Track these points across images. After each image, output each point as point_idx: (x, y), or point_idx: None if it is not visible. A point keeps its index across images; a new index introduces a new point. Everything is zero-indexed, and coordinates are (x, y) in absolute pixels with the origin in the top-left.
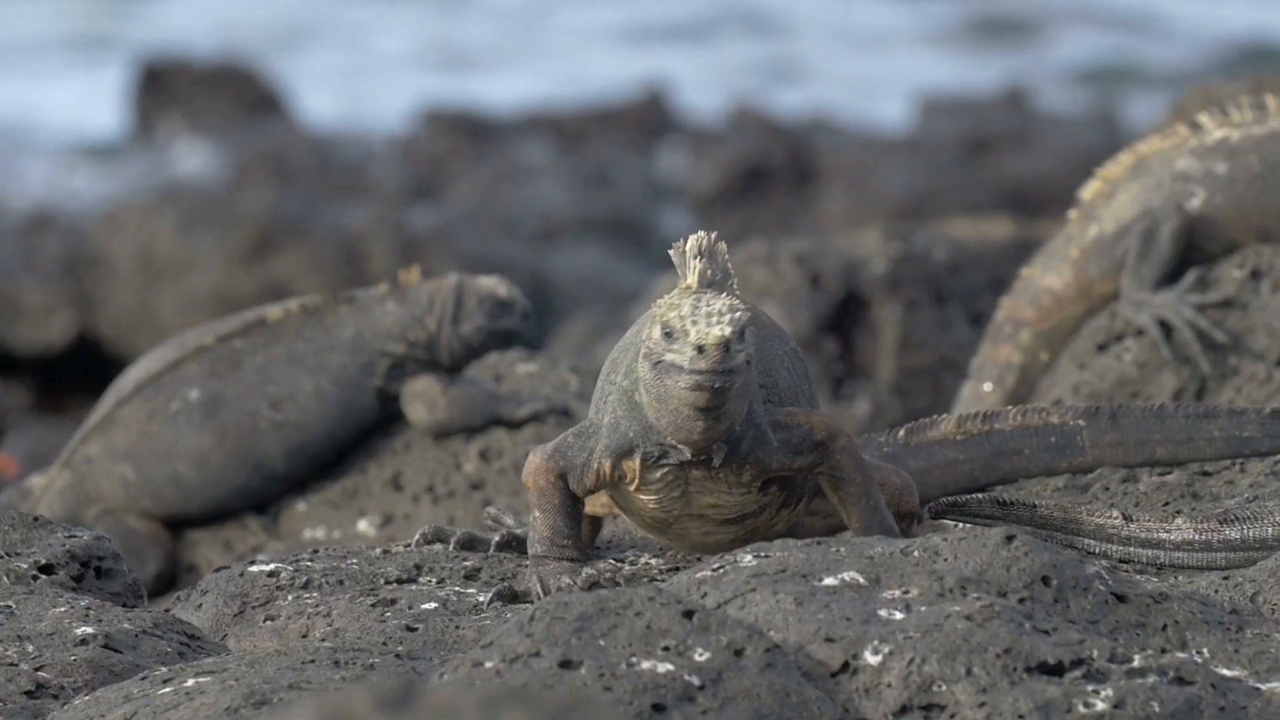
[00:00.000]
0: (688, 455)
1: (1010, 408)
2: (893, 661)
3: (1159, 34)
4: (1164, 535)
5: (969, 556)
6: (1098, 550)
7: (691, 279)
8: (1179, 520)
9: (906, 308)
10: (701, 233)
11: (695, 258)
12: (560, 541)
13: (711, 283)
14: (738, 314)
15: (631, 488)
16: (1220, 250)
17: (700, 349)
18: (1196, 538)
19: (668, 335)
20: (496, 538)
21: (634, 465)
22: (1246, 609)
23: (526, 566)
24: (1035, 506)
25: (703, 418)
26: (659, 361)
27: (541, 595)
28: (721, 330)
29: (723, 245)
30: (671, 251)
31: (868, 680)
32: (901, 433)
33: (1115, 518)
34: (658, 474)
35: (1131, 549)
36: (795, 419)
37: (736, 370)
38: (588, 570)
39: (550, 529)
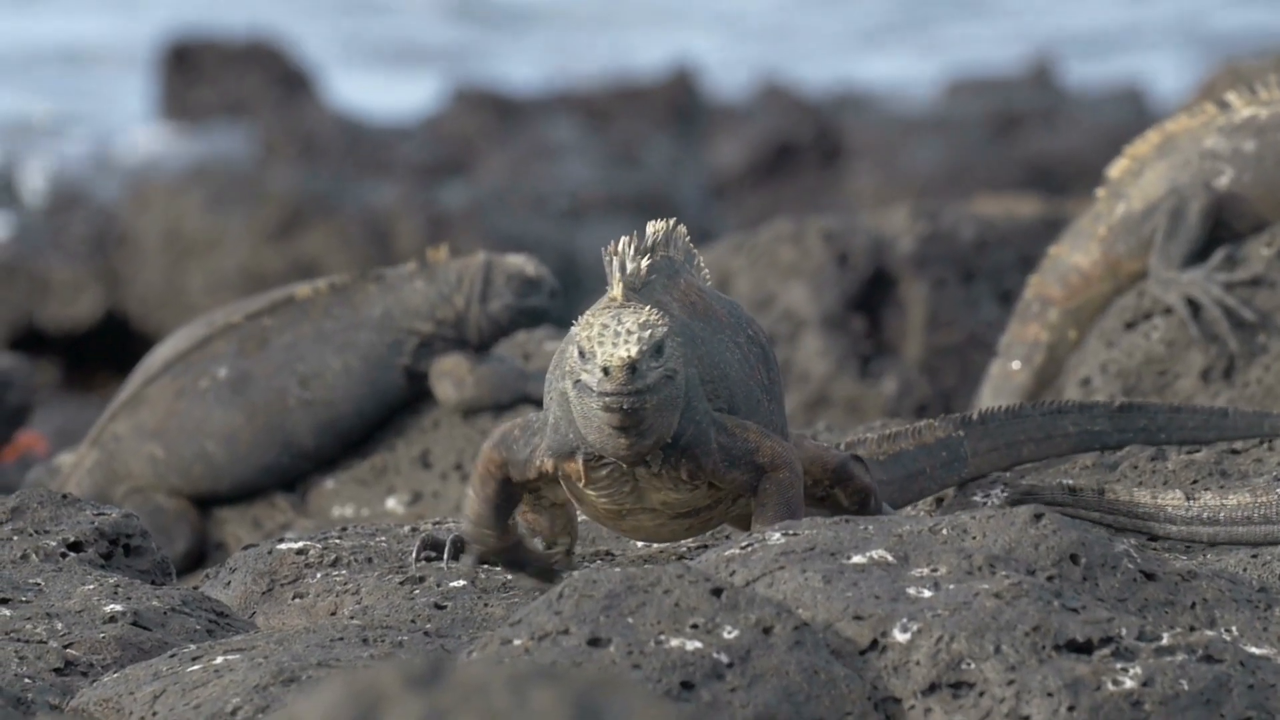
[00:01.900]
0: (624, 465)
1: (909, 426)
2: (921, 639)
3: None
4: (1224, 513)
5: (997, 535)
6: (1161, 532)
7: (615, 291)
8: (1238, 496)
9: (934, 286)
10: (624, 239)
11: (620, 269)
12: (484, 528)
13: (642, 287)
14: (648, 332)
15: (581, 484)
16: (1248, 228)
17: (606, 370)
18: (1257, 513)
19: (582, 355)
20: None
21: (577, 467)
22: (1275, 587)
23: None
24: (1102, 492)
25: (623, 435)
26: (577, 381)
27: (451, 558)
28: (627, 351)
29: (682, 228)
30: (602, 257)
31: (896, 658)
32: (842, 446)
33: (1177, 497)
34: (603, 472)
35: (1194, 528)
36: (745, 432)
37: (649, 389)
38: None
39: (476, 515)
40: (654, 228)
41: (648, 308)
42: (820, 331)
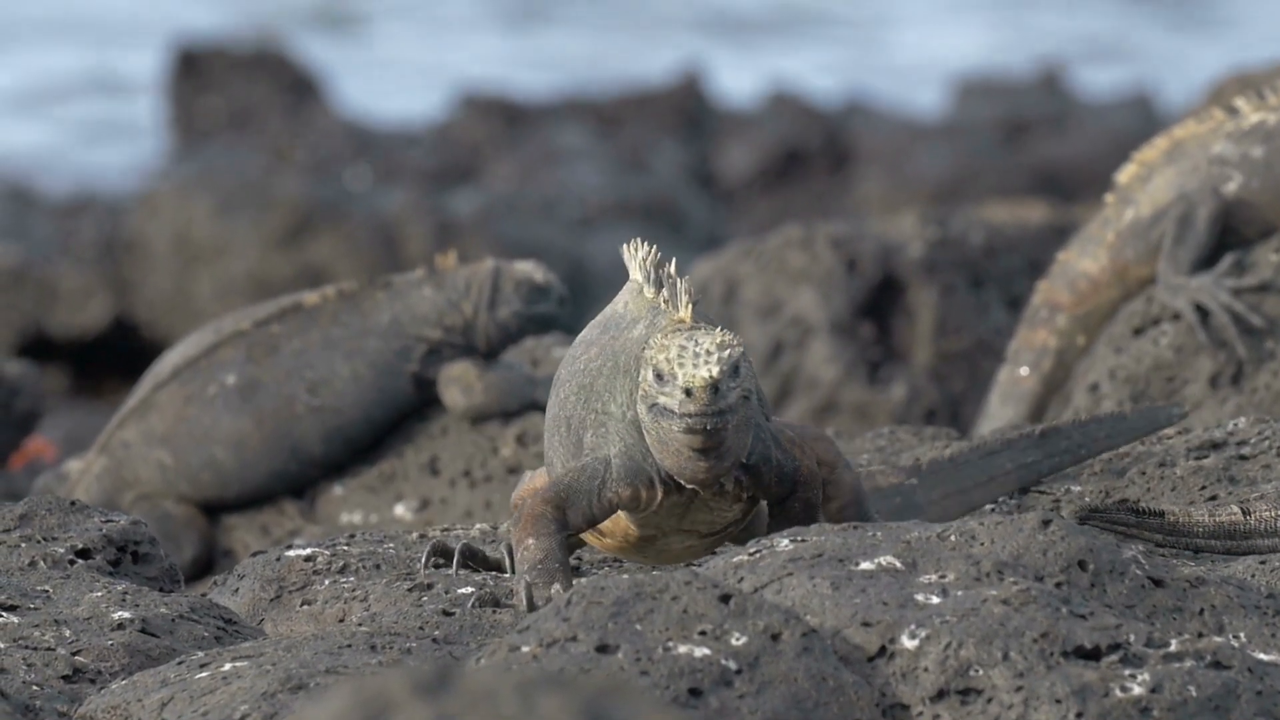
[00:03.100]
0: (700, 492)
1: (865, 469)
2: (930, 646)
3: None
4: None
5: (1005, 541)
6: (1220, 549)
7: (684, 313)
8: None
9: (943, 292)
10: (653, 249)
11: (686, 291)
12: (552, 564)
13: (696, 301)
14: (726, 351)
15: (641, 512)
16: (1257, 234)
17: (688, 391)
18: None
19: (659, 378)
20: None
21: (654, 493)
22: None
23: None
24: (1162, 513)
25: (702, 458)
26: (653, 405)
27: (526, 606)
28: (709, 371)
29: (647, 248)
30: (663, 281)
31: (905, 665)
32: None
33: (1235, 513)
34: (675, 498)
35: (1253, 541)
36: (794, 448)
37: (730, 409)
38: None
39: (544, 551)
40: (643, 250)
41: (719, 329)
42: (829, 337)
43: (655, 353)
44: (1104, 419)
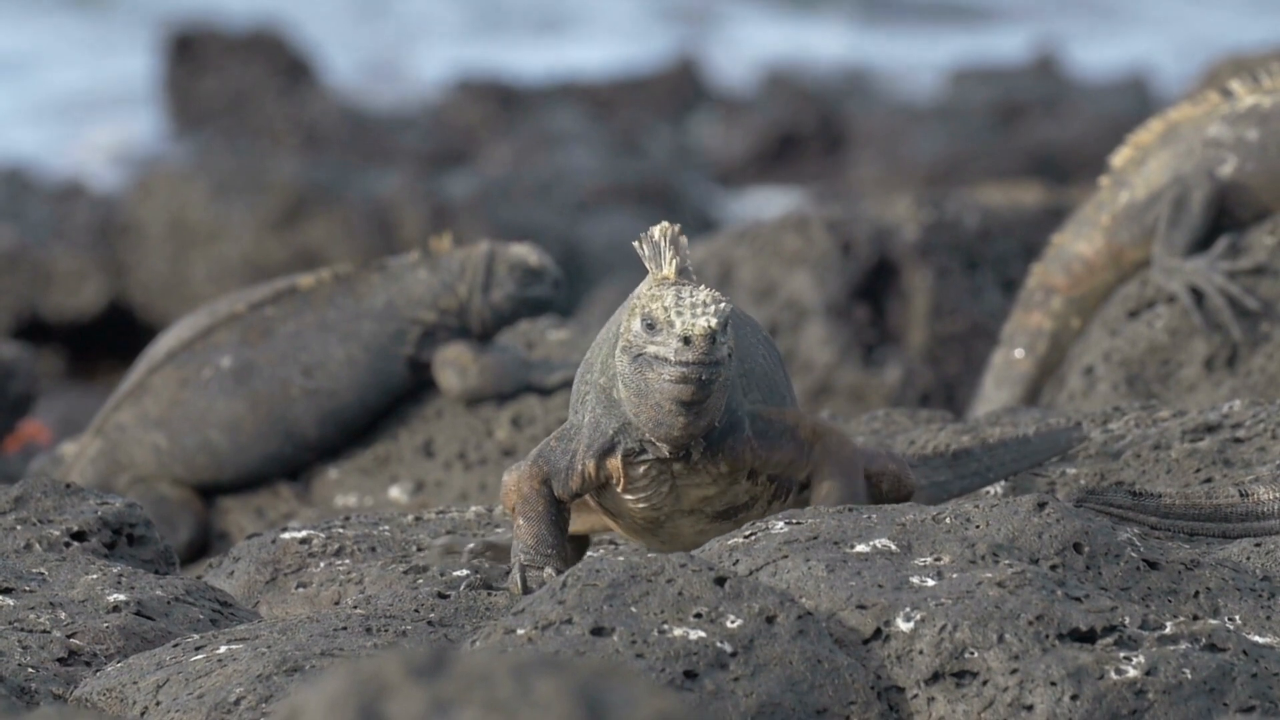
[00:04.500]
0: (665, 453)
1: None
2: (925, 628)
3: None
4: (1279, 505)
5: (1001, 523)
6: (1217, 531)
7: (668, 270)
8: None
9: (938, 274)
10: (667, 224)
11: (670, 249)
12: (544, 550)
13: (683, 271)
14: (721, 305)
15: (619, 489)
16: (1252, 217)
17: (686, 340)
18: None
19: (650, 327)
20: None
21: (616, 464)
22: (1278, 575)
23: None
24: (1159, 495)
25: (684, 412)
26: (639, 354)
27: (519, 592)
28: (708, 321)
29: (684, 239)
30: (642, 244)
31: (900, 647)
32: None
33: (1233, 496)
34: (640, 470)
35: (1248, 524)
36: (782, 415)
37: (722, 362)
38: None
39: (534, 536)
40: (665, 228)
41: (704, 285)
42: (824, 320)
43: (647, 303)
44: (1009, 442)
